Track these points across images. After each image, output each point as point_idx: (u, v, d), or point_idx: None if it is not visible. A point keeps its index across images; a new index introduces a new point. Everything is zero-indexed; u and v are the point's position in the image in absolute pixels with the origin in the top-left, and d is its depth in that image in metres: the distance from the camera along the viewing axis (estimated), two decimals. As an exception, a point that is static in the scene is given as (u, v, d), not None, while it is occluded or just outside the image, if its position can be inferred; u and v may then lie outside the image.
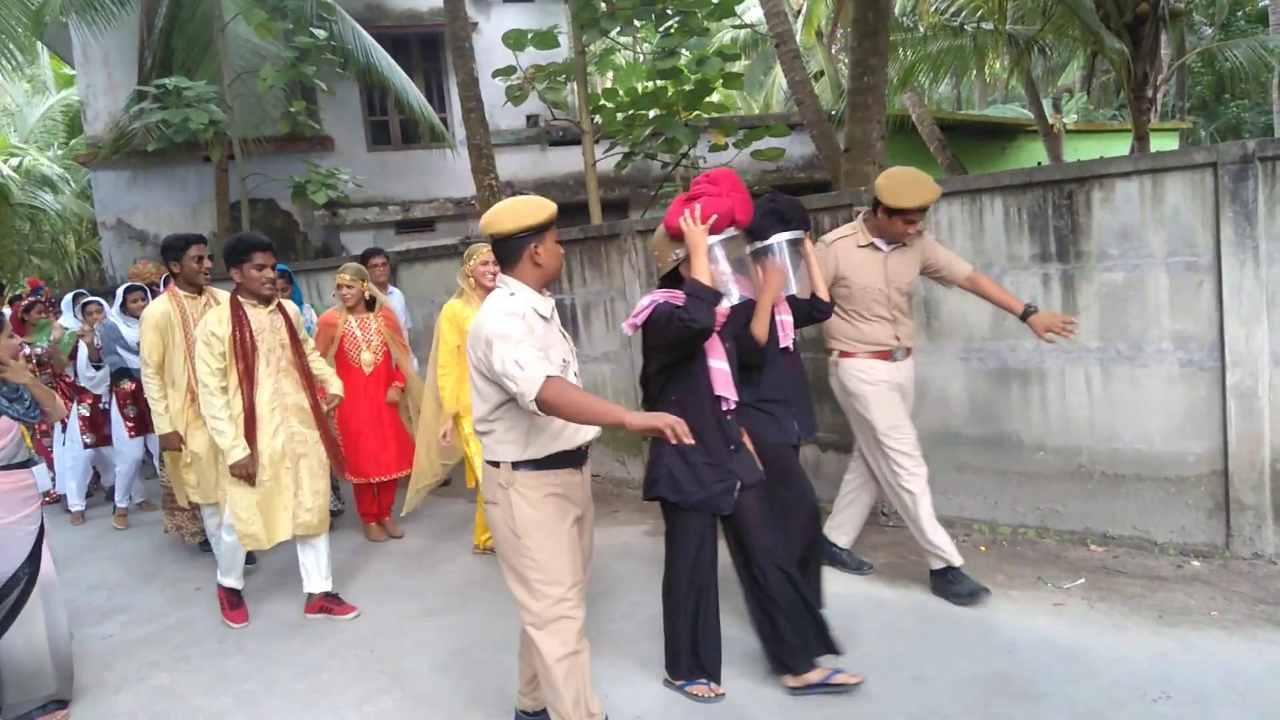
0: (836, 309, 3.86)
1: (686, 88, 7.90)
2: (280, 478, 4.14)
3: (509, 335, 2.47)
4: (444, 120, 12.75)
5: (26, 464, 3.43)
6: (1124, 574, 3.96)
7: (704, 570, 3.16)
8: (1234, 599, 3.61)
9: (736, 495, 3.10)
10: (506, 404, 2.59)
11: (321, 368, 4.56)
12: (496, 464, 2.67)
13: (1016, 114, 16.93)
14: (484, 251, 4.69)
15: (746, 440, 3.26)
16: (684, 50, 7.77)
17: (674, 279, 3.12)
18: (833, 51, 15.40)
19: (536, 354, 2.46)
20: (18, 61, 11.87)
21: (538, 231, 2.63)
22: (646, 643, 3.60)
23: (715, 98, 10.90)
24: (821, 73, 15.75)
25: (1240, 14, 18.33)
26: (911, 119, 13.33)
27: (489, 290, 4.44)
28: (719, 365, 3.07)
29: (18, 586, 3.32)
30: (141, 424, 5.87)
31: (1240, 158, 3.85)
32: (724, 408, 3.08)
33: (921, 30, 12.08)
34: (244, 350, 4.03)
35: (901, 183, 3.72)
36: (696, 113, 8.21)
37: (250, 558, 4.79)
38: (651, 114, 8.10)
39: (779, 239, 3.42)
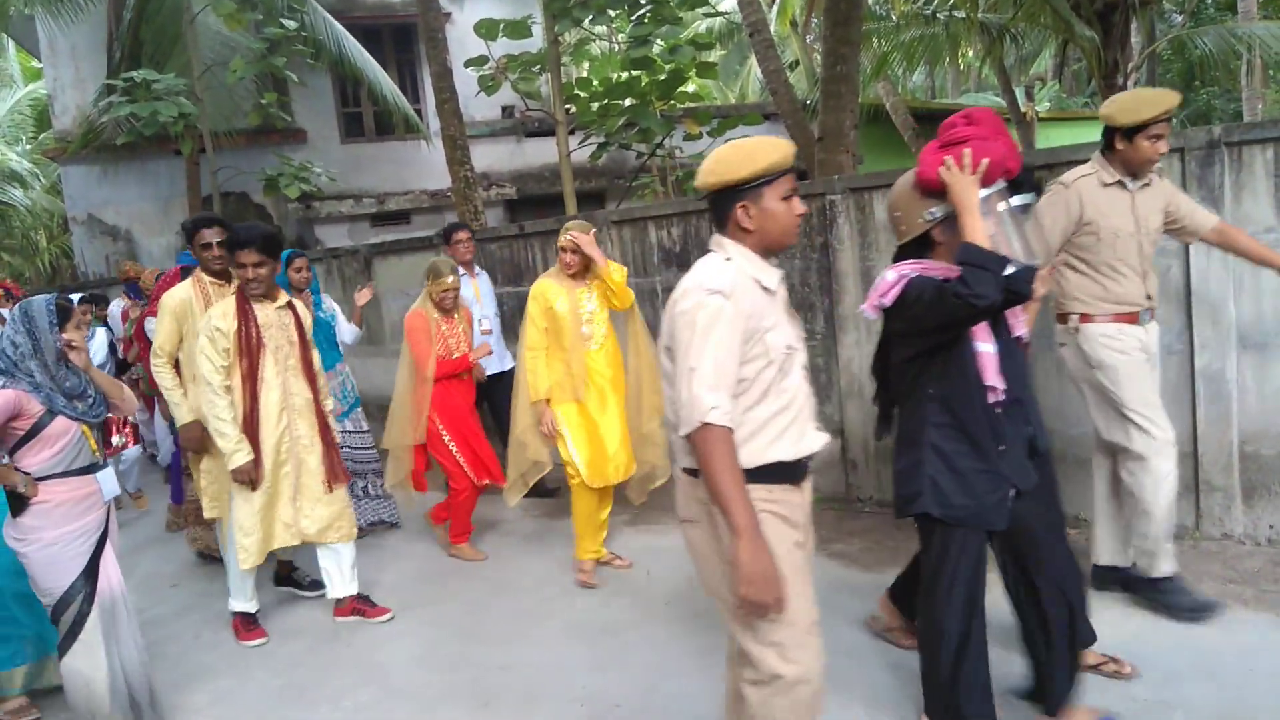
0: (1075, 262, 3.37)
1: (660, 77, 7.88)
2: (279, 484, 3.92)
3: (700, 324, 2.02)
4: (418, 111, 12.65)
5: (88, 469, 3.11)
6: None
7: (972, 599, 2.57)
8: (1205, 579, 3.66)
9: (1010, 506, 2.57)
10: None
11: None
12: (695, 473, 2.12)
13: (990, 103, 17.02)
14: (574, 227, 4.27)
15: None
16: (657, 39, 7.74)
17: (916, 247, 2.61)
18: (807, 41, 15.41)
19: (725, 371, 2.00)
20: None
21: (750, 187, 2.12)
22: (877, 675, 3.21)
23: (691, 88, 10.88)
24: (797, 62, 15.77)
25: (1210, 1, 18.51)
26: (885, 108, 13.38)
27: (572, 273, 4.29)
28: (987, 349, 2.51)
29: (72, 604, 3.02)
30: (137, 432, 5.98)
31: (1207, 143, 3.89)
32: (992, 399, 2.52)
33: (894, 19, 12.10)
34: (249, 347, 3.82)
35: (1133, 97, 3.28)
36: (671, 102, 8.19)
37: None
38: (626, 104, 8.07)
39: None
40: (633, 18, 7.78)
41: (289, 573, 4.68)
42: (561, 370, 4.28)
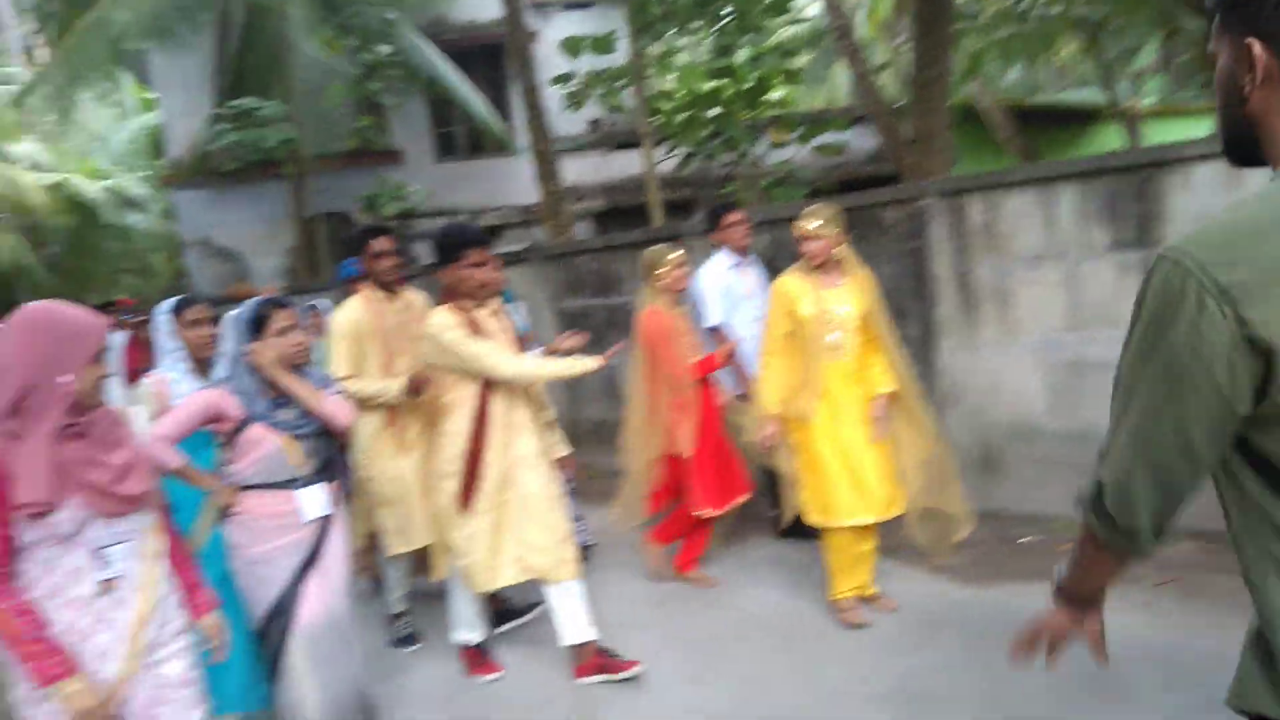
0: None
1: (745, 86, 7.86)
2: (503, 509, 3.44)
3: None
4: (508, 128, 12.92)
5: (288, 484, 2.88)
6: (1218, 571, 3.79)
7: None
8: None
9: None
10: None
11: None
12: None
13: (1091, 98, 16.40)
14: (814, 213, 3.62)
15: None
16: (741, 48, 7.73)
17: None
18: (896, 42, 15.13)
19: None
20: (103, 88, 12.42)
21: None
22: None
23: (777, 95, 10.81)
24: (886, 64, 15.50)
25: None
26: (979, 108, 13.02)
27: (818, 264, 3.62)
28: None
29: (273, 627, 2.82)
30: None
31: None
32: None
33: (986, 18, 11.78)
34: None
35: None
36: (756, 111, 8.16)
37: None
38: (710, 114, 8.08)
39: None
40: (715, 28, 7.78)
41: (501, 607, 4.05)
42: (797, 380, 3.69)
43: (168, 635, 2.23)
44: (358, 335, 3.83)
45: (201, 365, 3.33)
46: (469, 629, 3.67)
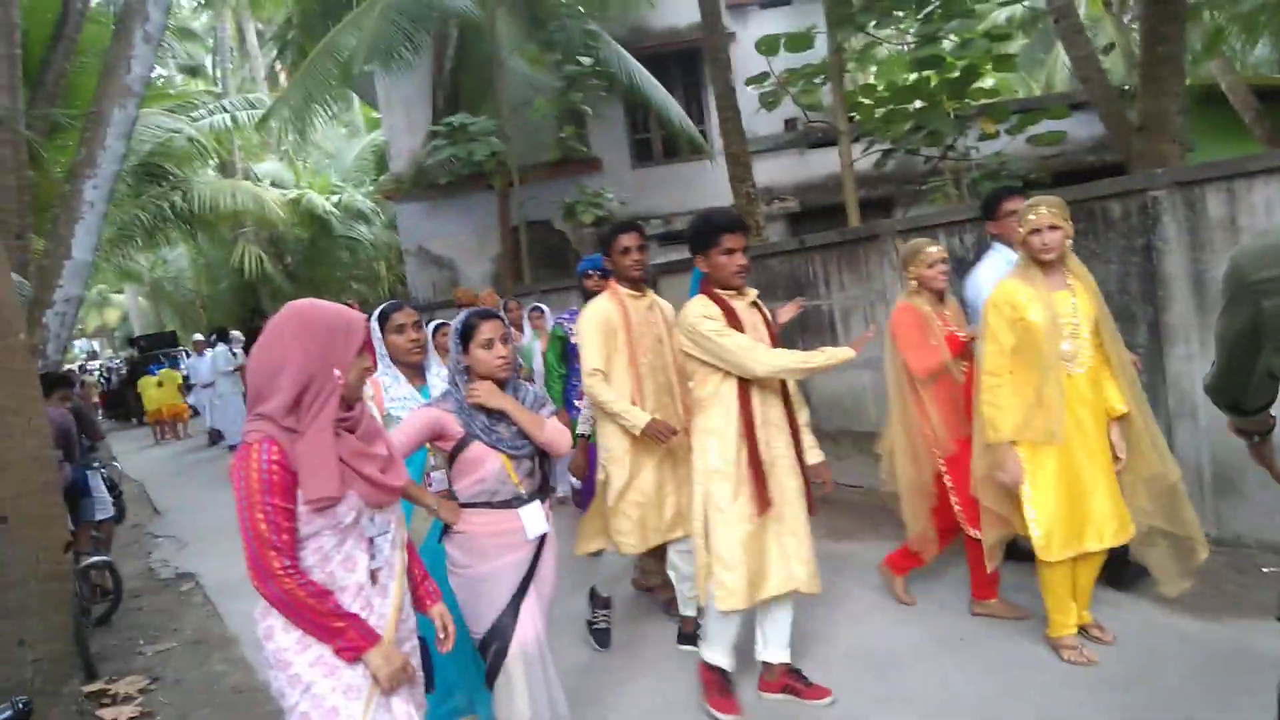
0: None
1: (951, 75, 7.46)
2: (775, 514, 3.23)
3: None
4: (702, 132, 12.98)
5: (510, 503, 2.83)
6: None
7: None
8: None
9: None
10: None
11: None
12: None
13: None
14: (1046, 204, 3.27)
15: None
16: (948, 36, 7.34)
17: None
18: (1123, 21, 13.92)
19: None
20: (334, 109, 13.56)
21: None
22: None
23: (989, 83, 10.22)
24: (1111, 45, 14.30)
25: None
26: (1220, 88, 11.75)
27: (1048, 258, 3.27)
28: None
29: (493, 645, 2.78)
30: None
31: None
32: None
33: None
34: None
35: None
36: (965, 101, 7.72)
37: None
38: (913, 107, 7.72)
39: None
40: (920, 15, 7.43)
41: (695, 629, 3.78)
42: (1031, 400, 3.32)
43: (406, 630, 2.28)
44: (609, 329, 3.73)
45: (411, 370, 3.37)
46: (722, 652, 3.37)
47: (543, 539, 2.92)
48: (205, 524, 8.19)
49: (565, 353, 5.03)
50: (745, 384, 3.19)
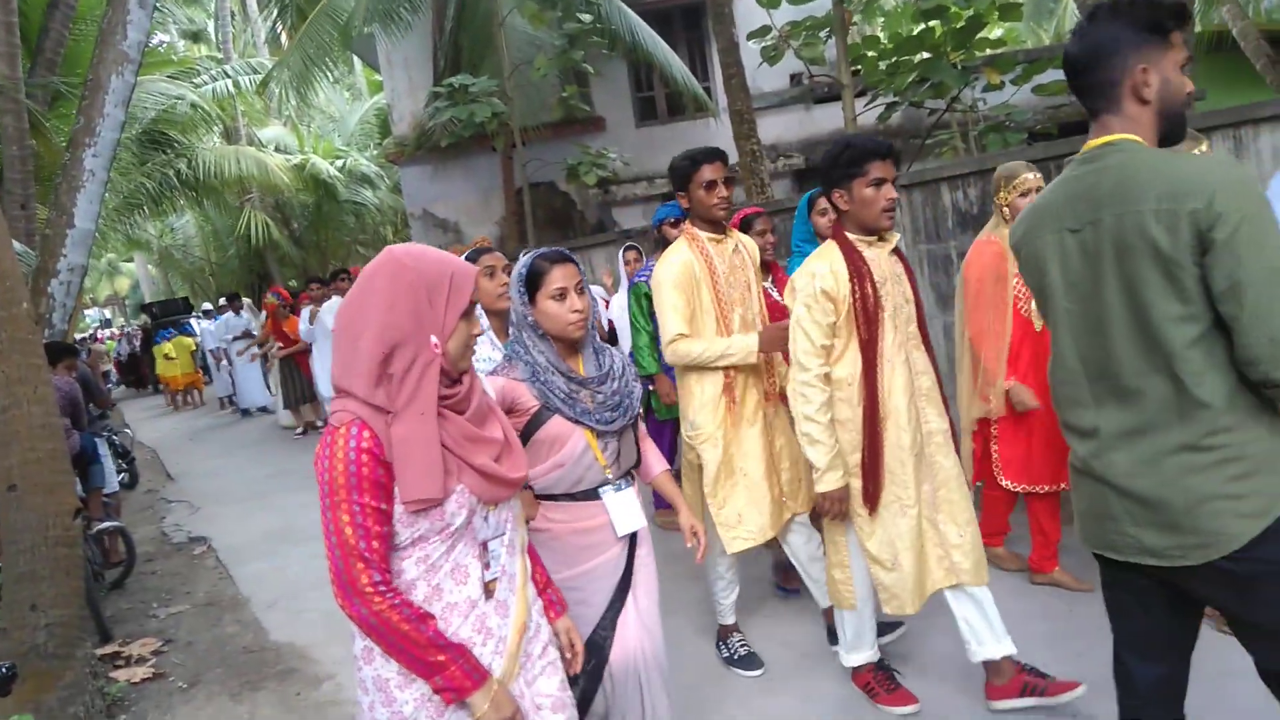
0: None
1: (957, 26, 7.33)
2: (920, 500, 2.84)
3: None
4: (706, 89, 12.82)
5: (594, 492, 2.36)
6: None
7: None
8: None
9: None
10: None
11: None
12: None
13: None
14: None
15: None
16: (953, -14, 7.19)
17: None
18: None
19: None
20: (336, 72, 13.45)
21: None
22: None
23: (997, 33, 10.04)
24: (1123, -9, 13.99)
25: None
26: (1232, 34, 11.53)
27: None
28: None
29: (580, 676, 2.18)
30: None
31: None
32: None
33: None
34: (867, 313, 2.74)
35: None
36: (970, 52, 7.59)
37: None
38: (917, 59, 7.60)
39: None
40: (926, -35, 7.28)
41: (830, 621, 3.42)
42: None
43: (538, 646, 1.88)
44: (691, 283, 3.16)
45: (499, 321, 2.97)
46: (865, 647, 3.05)
47: (636, 533, 2.42)
48: (217, 489, 8.31)
49: (651, 310, 4.47)
50: (874, 353, 2.76)
